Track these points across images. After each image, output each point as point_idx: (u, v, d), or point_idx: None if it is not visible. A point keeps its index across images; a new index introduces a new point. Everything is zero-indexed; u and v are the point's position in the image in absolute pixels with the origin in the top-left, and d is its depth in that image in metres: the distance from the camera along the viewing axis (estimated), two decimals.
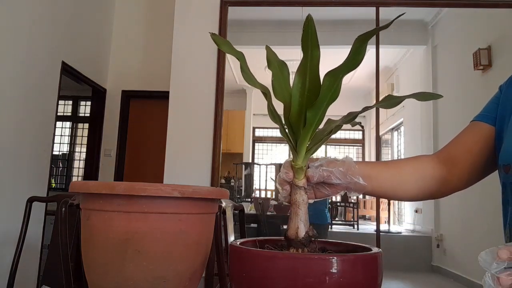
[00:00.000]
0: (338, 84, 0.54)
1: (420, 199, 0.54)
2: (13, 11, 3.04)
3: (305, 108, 0.56)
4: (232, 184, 6.80)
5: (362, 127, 8.52)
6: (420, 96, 0.54)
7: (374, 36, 3.48)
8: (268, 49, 0.59)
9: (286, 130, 0.59)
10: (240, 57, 0.57)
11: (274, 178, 0.63)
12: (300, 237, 0.57)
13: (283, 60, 0.59)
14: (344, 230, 6.11)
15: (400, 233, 5.70)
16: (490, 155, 0.80)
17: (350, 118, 0.58)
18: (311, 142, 0.58)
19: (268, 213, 4.36)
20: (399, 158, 6.80)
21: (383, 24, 0.55)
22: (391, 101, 0.57)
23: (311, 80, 0.55)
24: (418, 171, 0.79)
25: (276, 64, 0.59)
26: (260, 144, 8.47)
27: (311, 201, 0.64)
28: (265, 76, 0.59)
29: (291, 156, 0.61)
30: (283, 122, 0.59)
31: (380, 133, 4.60)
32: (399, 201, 6.31)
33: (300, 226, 0.58)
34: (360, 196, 5.73)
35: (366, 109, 0.59)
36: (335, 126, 0.58)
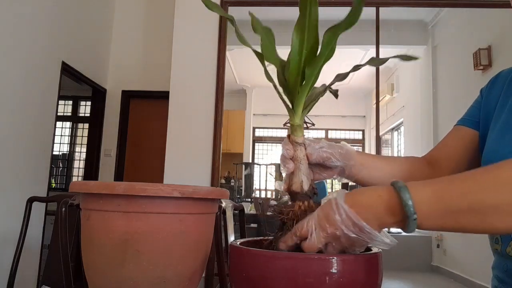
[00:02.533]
0: (335, 41, 0.55)
1: None
2: (13, 11, 3.04)
3: (303, 66, 0.56)
4: (232, 184, 6.81)
5: (362, 131, 8.52)
6: (403, 57, 0.55)
7: (375, 36, 3.49)
8: (252, 16, 0.61)
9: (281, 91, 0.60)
10: (233, 19, 0.59)
11: (273, 174, 0.64)
12: (305, 190, 0.59)
13: (267, 27, 0.60)
14: None
15: (400, 233, 5.69)
16: (473, 159, 0.82)
17: (341, 77, 0.59)
18: (306, 100, 0.59)
19: (268, 213, 4.36)
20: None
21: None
22: (376, 61, 0.58)
23: (309, 38, 0.55)
24: (408, 168, 0.82)
25: (261, 30, 0.60)
26: (260, 144, 8.47)
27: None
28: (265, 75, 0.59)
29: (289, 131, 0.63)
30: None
31: (380, 133, 4.60)
32: None
33: (304, 179, 0.59)
34: None
35: (356, 68, 0.60)
36: (328, 85, 0.60)
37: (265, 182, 7.15)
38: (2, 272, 2.19)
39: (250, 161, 7.71)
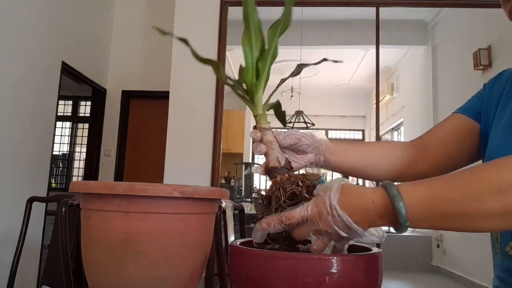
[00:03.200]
0: (277, 39, 0.63)
1: (387, 180, 0.55)
2: (13, 11, 3.04)
3: (256, 62, 0.64)
4: (232, 184, 6.81)
5: (362, 131, 8.52)
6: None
7: (375, 36, 3.49)
8: (191, 50, 0.72)
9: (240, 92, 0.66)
10: (186, 42, 0.69)
11: (258, 171, 0.67)
12: (282, 164, 0.63)
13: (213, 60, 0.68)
14: None
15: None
16: (465, 146, 0.81)
17: (299, 71, 0.66)
18: (264, 92, 0.66)
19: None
20: None
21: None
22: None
23: (256, 39, 0.64)
24: (387, 152, 0.82)
25: (205, 59, 0.70)
26: None
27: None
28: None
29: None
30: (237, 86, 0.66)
31: (380, 133, 4.60)
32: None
33: (279, 155, 0.64)
34: None
35: (323, 60, 0.67)
36: (286, 77, 0.67)
37: (265, 182, 7.14)
38: (2, 272, 2.19)
39: (250, 161, 7.71)
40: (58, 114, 3.76)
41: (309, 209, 0.52)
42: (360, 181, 5.99)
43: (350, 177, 0.96)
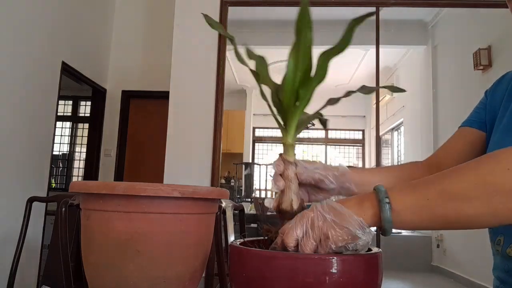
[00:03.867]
0: (328, 64, 0.58)
1: None
2: (13, 11, 3.04)
3: (297, 86, 0.58)
4: (232, 184, 6.81)
5: (362, 131, 8.52)
6: (391, 88, 0.57)
7: (374, 36, 3.49)
8: (247, 48, 0.64)
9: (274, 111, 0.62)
10: (233, 38, 0.61)
11: (272, 175, 0.64)
12: (295, 209, 0.59)
13: (261, 55, 0.64)
14: None
15: (400, 233, 5.69)
16: None
17: (333, 102, 0.61)
18: (298, 121, 0.61)
19: (268, 213, 4.36)
20: (398, 158, 6.81)
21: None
22: (366, 89, 0.61)
23: (303, 61, 0.58)
24: (406, 176, 0.80)
25: (255, 57, 0.64)
26: (260, 144, 8.47)
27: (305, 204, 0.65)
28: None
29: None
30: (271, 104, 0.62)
31: (380, 133, 4.60)
32: None
33: (294, 198, 0.60)
34: None
35: (348, 94, 0.62)
36: (319, 109, 0.62)
37: (265, 182, 7.15)
38: (2, 272, 2.19)
39: (250, 161, 7.71)
40: (58, 114, 3.76)
41: (303, 223, 0.52)
42: None
43: None
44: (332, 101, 0.61)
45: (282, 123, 0.61)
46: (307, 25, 0.56)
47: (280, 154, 0.63)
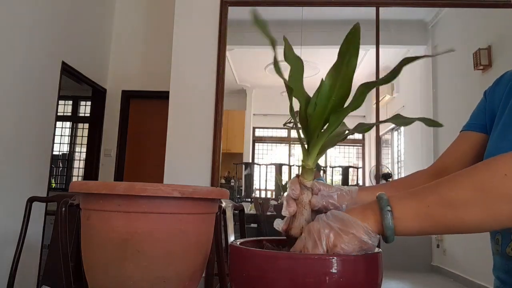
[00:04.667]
0: (365, 95, 0.54)
1: None
2: (13, 11, 3.04)
3: (328, 111, 0.56)
4: (232, 184, 6.81)
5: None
6: (427, 122, 0.54)
7: (375, 36, 3.49)
8: (286, 42, 0.58)
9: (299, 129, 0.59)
10: (274, 41, 0.54)
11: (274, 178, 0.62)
12: None
13: (298, 56, 0.58)
14: None
15: None
16: None
17: (364, 129, 0.57)
18: (323, 145, 0.58)
19: (268, 213, 4.36)
20: (398, 158, 6.80)
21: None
22: (400, 120, 0.56)
23: (341, 86, 0.55)
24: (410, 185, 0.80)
25: (292, 60, 0.58)
26: (260, 144, 8.47)
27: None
28: (265, 75, 0.58)
29: (300, 157, 0.61)
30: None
31: (380, 133, 4.60)
32: None
33: (304, 225, 0.58)
34: None
35: (379, 123, 0.60)
36: (347, 132, 0.59)
37: (265, 182, 7.15)
38: (2, 272, 2.19)
39: (250, 161, 7.71)
40: (58, 114, 3.76)
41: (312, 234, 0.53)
42: None
43: None
44: (361, 129, 0.58)
45: (305, 144, 0.58)
46: (354, 51, 0.53)
47: (298, 176, 0.60)
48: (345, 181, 7.51)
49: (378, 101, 3.70)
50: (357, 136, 8.61)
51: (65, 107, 6.63)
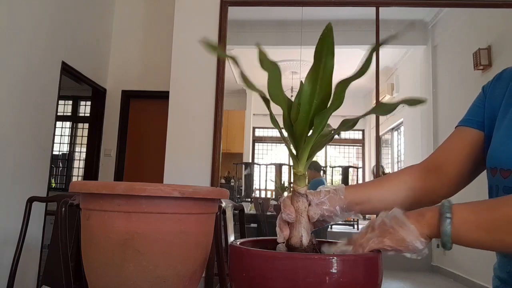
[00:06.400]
0: (344, 92, 0.55)
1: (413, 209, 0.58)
2: (13, 11, 3.04)
3: (312, 115, 0.55)
4: (232, 184, 6.81)
5: (362, 131, 8.52)
6: (410, 102, 0.55)
7: (375, 36, 3.49)
8: (259, 49, 0.56)
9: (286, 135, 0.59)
10: (235, 59, 0.55)
11: (273, 180, 0.62)
12: (304, 245, 0.58)
13: (274, 61, 0.57)
14: (344, 230, 6.10)
15: None
16: (477, 160, 0.80)
17: (349, 125, 0.57)
18: (311, 148, 0.58)
19: (268, 213, 4.36)
20: (398, 158, 6.80)
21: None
22: (383, 109, 0.57)
23: (321, 88, 0.55)
24: (406, 185, 0.79)
25: (268, 66, 0.57)
26: (260, 144, 8.47)
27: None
28: (265, 75, 0.58)
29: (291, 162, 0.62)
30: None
31: (380, 133, 4.60)
32: None
33: (304, 234, 0.58)
34: None
35: (362, 116, 0.58)
36: (334, 131, 0.59)
37: (265, 182, 7.15)
38: (2, 272, 2.19)
39: (250, 161, 7.71)
40: (58, 114, 3.76)
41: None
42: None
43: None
44: (348, 125, 0.57)
45: (294, 151, 0.58)
46: (328, 51, 0.53)
47: (290, 183, 0.61)
48: (345, 181, 7.51)
49: (378, 101, 3.70)
50: (357, 136, 8.61)
51: (65, 107, 6.63)
